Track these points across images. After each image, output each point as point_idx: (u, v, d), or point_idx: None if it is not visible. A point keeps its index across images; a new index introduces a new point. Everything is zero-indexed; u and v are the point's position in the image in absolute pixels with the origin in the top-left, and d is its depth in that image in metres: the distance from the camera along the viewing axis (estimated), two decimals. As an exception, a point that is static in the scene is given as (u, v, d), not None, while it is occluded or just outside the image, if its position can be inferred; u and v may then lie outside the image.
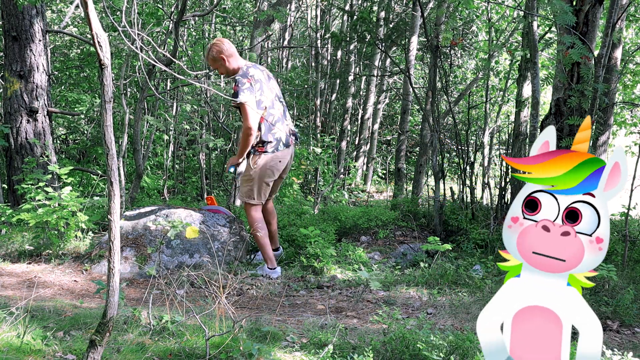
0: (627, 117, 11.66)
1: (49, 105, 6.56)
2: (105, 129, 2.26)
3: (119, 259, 2.59)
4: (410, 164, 12.65)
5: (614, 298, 3.84)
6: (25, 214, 4.63)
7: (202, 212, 5.00)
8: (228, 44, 4.55)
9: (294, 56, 13.80)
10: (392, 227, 5.89)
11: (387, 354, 2.80)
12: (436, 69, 6.11)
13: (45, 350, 2.68)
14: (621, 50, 5.99)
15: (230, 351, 2.68)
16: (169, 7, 8.59)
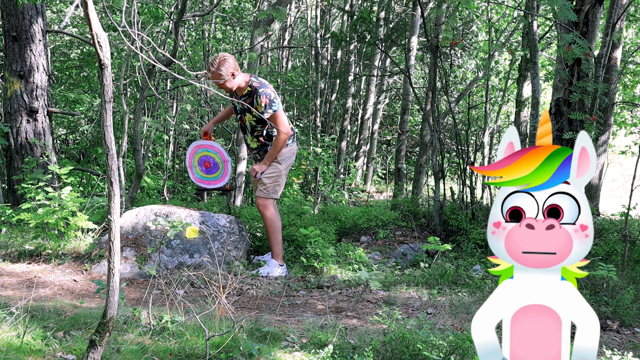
0: (627, 117, 11.66)
1: (49, 105, 6.56)
2: (105, 129, 2.26)
3: (119, 259, 2.59)
4: (410, 164, 12.65)
5: (614, 298, 3.84)
6: (25, 214, 4.63)
7: (202, 211, 5.00)
8: (234, 60, 4.59)
9: (294, 56, 13.79)
10: (392, 227, 5.89)
11: (387, 354, 2.79)
12: (436, 69, 6.11)
13: (45, 350, 2.68)
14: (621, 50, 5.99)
15: (230, 351, 2.68)
16: (168, 7, 8.59)
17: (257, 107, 4.59)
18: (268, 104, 4.58)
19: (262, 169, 4.74)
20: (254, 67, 6.75)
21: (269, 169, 4.75)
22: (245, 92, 4.65)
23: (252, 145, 4.86)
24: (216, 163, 5.06)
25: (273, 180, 4.76)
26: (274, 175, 4.76)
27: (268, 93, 4.59)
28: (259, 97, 4.57)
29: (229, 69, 4.51)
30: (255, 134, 4.78)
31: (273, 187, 4.77)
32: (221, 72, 4.48)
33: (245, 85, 4.64)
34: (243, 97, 4.66)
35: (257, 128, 4.74)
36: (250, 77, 4.67)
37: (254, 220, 5.61)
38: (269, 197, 4.77)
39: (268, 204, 4.77)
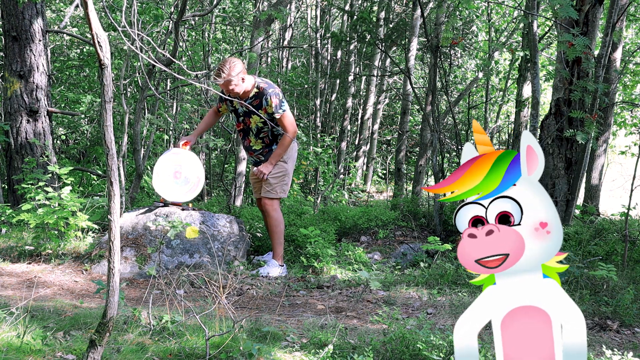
0: (627, 118, 11.67)
1: (49, 105, 6.56)
2: (105, 129, 2.26)
3: (119, 259, 2.59)
4: (410, 164, 12.65)
5: (614, 298, 3.84)
6: (25, 214, 4.63)
7: (202, 211, 5.00)
8: (242, 63, 4.57)
9: (294, 56, 13.79)
10: (392, 227, 5.89)
11: (387, 354, 2.80)
12: (436, 69, 6.11)
13: (45, 350, 2.68)
14: (621, 50, 5.99)
15: (230, 351, 2.68)
16: (168, 7, 8.59)
17: (267, 108, 4.57)
18: (278, 104, 4.58)
19: (269, 169, 4.71)
20: (254, 67, 6.75)
21: (274, 169, 4.73)
22: (252, 94, 4.61)
23: (255, 147, 4.80)
24: (187, 178, 4.83)
25: (280, 179, 4.75)
26: (280, 174, 4.75)
27: (277, 93, 4.60)
28: (269, 98, 4.55)
29: (239, 74, 4.48)
30: (260, 135, 4.74)
31: (280, 187, 4.76)
32: (232, 78, 4.44)
33: (252, 87, 4.61)
34: (250, 99, 4.61)
35: (264, 129, 4.70)
36: (255, 79, 4.65)
37: (254, 220, 5.62)
38: (276, 196, 4.76)
39: (275, 204, 4.77)
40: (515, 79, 8.62)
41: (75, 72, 10.60)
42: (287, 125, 4.64)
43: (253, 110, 4.57)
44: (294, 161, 4.89)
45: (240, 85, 4.52)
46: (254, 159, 4.90)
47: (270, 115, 4.58)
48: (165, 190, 4.82)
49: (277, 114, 4.58)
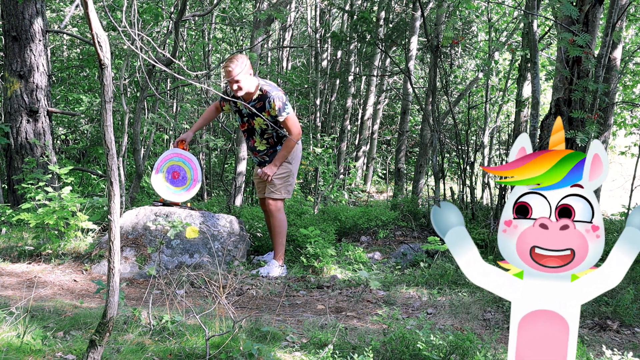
0: (627, 118, 11.66)
1: (49, 105, 6.56)
2: (105, 129, 2.26)
3: (119, 259, 2.59)
4: (410, 164, 12.65)
5: (614, 298, 3.84)
6: (25, 214, 4.63)
7: (202, 211, 5.00)
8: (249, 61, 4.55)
9: (293, 56, 13.79)
10: (392, 227, 5.89)
11: (387, 354, 2.80)
12: (436, 69, 6.11)
13: (45, 350, 2.68)
14: (621, 50, 5.99)
15: (230, 351, 2.68)
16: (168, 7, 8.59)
17: (270, 111, 4.55)
18: (281, 107, 4.56)
19: (273, 170, 4.69)
20: (255, 67, 6.75)
21: (279, 170, 4.72)
22: (255, 96, 4.59)
23: (259, 148, 4.79)
24: (185, 177, 4.88)
25: (284, 180, 4.74)
26: (284, 175, 4.74)
27: (280, 96, 4.57)
28: (272, 101, 4.53)
29: (247, 71, 4.48)
30: (265, 137, 4.73)
31: (285, 187, 4.75)
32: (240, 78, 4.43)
33: (255, 89, 4.58)
34: (253, 102, 4.60)
35: (268, 131, 4.68)
36: (259, 81, 4.63)
37: (254, 220, 5.61)
38: (280, 197, 4.75)
39: (280, 204, 4.77)
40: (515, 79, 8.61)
41: (75, 72, 10.60)
42: (290, 127, 4.62)
43: (256, 113, 4.56)
44: (299, 161, 4.89)
45: (246, 83, 4.49)
46: (258, 159, 4.89)
47: (273, 118, 4.57)
48: (163, 190, 4.84)
49: (280, 116, 4.57)
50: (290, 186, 4.79)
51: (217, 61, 11.11)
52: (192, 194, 4.91)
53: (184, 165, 4.90)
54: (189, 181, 4.90)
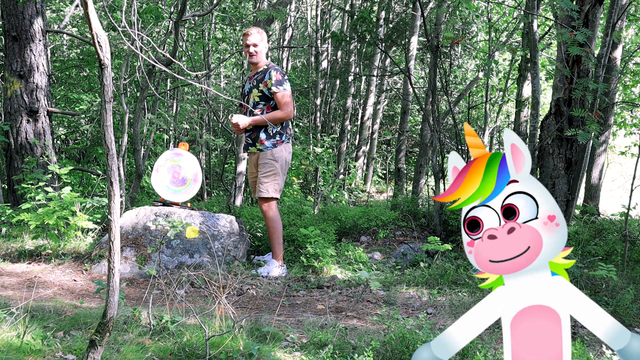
0: (627, 118, 11.67)
1: (49, 105, 6.56)
2: (105, 129, 2.26)
3: (119, 259, 2.59)
4: (410, 164, 12.64)
5: (614, 298, 3.84)
6: (25, 214, 4.63)
7: (202, 211, 5.00)
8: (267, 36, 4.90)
9: (294, 56, 13.79)
10: (392, 227, 5.89)
11: (387, 354, 2.80)
12: (436, 69, 6.11)
13: (45, 350, 2.68)
14: (621, 50, 5.99)
15: (230, 351, 2.68)
16: (168, 7, 8.59)
17: (268, 82, 4.70)
18: (280, 80, 4.68)
19: (244, 121, 4.66)
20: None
21: (264, 168, 4.72)
22: (261, 69, 4.80)
23: (247, 127, 4.83)
24: (185, 179, 4.93)
25: (271, 178, 4.73)
26: (270, 173, 4.73)
27: (283, 73, 4.75)
28: (272, 72, 4.70)
29: (264, 42, 4.80)
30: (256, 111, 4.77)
31: (272, 186, 4.74)
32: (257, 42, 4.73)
33: (263, 64, 4.81)
34: (257, 74, 4.79)
35: (259, 105, 4.75)
36: (270, 62, 4.87)
37: (254, 220, 5.61)
38: (269, 196, 4.75)
39: (271, 204, 4.77)
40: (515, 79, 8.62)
41: (75, 72, 10.60)
42: (281, 102, 4.70)
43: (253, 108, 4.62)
44: (288, 164, 4.86)
45: (260, 50, 4.77)
46: (244, 143, 4.96)
47: (269, 89, 4.69)
48: (163, 190, 4.86)
49: (275, 87, 4.66)
50: (277, 185, 4.77)
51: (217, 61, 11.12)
52: (192, 194, 4.93)
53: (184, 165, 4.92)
54: (189, 183, 4.92)
